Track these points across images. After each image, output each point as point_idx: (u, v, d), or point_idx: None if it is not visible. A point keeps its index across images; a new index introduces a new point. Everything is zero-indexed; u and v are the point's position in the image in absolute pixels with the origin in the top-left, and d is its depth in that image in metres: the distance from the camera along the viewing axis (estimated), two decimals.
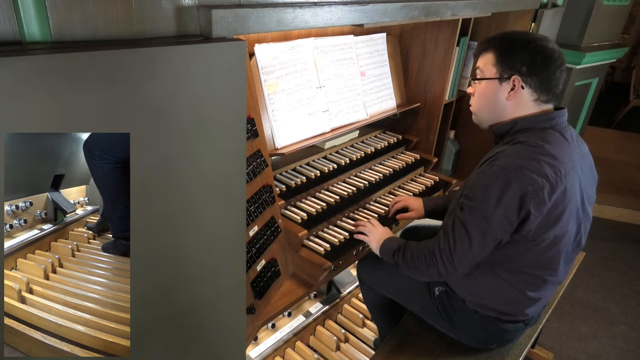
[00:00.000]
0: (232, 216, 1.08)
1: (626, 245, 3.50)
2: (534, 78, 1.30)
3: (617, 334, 2.64)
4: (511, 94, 1.33)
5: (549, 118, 1.32)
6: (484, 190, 1.24)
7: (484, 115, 1.43)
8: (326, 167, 1.84)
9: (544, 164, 1.21)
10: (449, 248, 1.30)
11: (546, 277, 1.38)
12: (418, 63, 2.21)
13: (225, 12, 0.94)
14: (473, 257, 1.30)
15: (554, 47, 1.31)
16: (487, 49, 1.37)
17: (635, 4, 3.85)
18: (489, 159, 1.30)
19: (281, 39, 1.71)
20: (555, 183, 1.21)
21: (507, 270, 1.36)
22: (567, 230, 1.31)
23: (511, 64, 1.32)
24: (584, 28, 3.01)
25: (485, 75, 1.38)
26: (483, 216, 1.24)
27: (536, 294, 1.40)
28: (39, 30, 0.76)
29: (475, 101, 1.44)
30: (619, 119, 5.91)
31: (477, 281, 1.41)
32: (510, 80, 1.32)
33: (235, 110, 0.99)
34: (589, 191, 1.38)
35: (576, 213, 1.33)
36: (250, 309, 1.30)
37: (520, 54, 1.30)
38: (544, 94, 1.32)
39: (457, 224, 1.29)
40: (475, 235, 1.26)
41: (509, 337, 1.52)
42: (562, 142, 1.29)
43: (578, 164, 1.30)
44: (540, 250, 1.31)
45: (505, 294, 1.39)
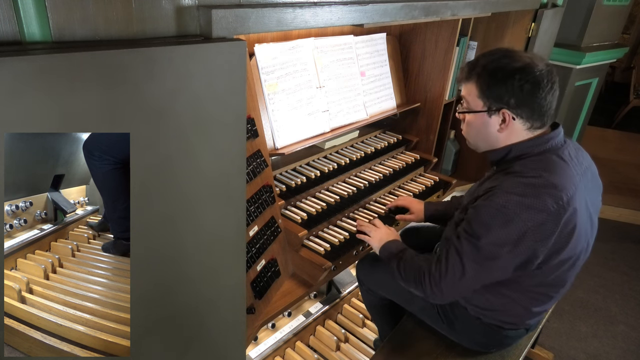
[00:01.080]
0: (232, 216, 1.08)
1: (626, 245, 3.50)
2: (524, 108, 1.23)
3: (617, 334, 2.63)
4: (502, 127, 1.27)
5: (544, 141, 1.26)
6: (484, 228, 1.19)
7: (479, 143, 1.37)
8: (326, 167, 1.84)
9: (545, 196, 1.15)
10: (439, 274, 1.27)
11: (552, 294, 1.36)
12: (418, 63, 2.21)
13: (225, 12, 0.94)
14: (464, 288, 1.27)
15: (541, 69, 1.21)
16: (469, 78, 1.29)
17: (635, 4, 3.85)
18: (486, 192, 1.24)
19: (281, 39, 1.71)
20: (557, 214, 1.16)
21: (512, 289, 1.34)
22: (575, 252, 1.26)
23: (498, 97, 1.24)
24: (584, 28, 3.01)
25: (472, 107, 1.30)
26: (485, 254, 1.20)
27: (541, 308, 1.39)
28: (39, 30, 0.76)
29: (467, 131, 1.37)
30: (619, 119, 5.91)
31: (480, 295, 1.39)
32: (499, 113, 1.25)
33: (235, 110, 0.99)
34: (595, 202, 1.33)
35: (584, 232, 1.27)
36: (250, 309, 1.30)
37: (507, 86, 1.22)
38: (537, 121, 1.25)
39: (452, 252, 1.25)
40: (470, 270, 1.23)
41: (509, 342, 1.52)
42: (562, 166, 1.22)
43: (581, 183, 1.23)
44: (547, 272, 1.27)
45: (508, 308, 1.38)
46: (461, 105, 1.36)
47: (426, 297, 1.33)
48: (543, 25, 2.19)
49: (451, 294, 1.29)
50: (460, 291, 1.30)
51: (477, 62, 1.28)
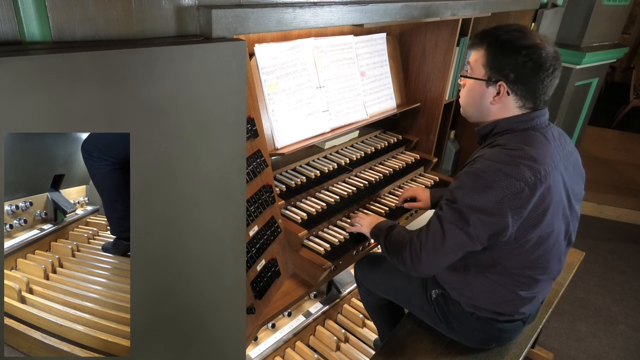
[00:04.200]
0: (232, 216, 1.08)
1: (626, 245, 3.50)
2: (521, 86, 1.28)
3: (617, 334, 2.64)
4: (496, 99, 1.32)
5: (528, 119, 1.31)
6: (462, 192, 1.24)
7: (470, 111, 1.43)
8: (326, 167, 1.84)
9: (523, 166, 1.20)
10: (420, 243, 1.31)
11: (537, 277, 1.38)
12: (418, 63, 2.21)
13: (225, 12, 0.94)
14: (442, 256, 1.29)
15: (548, 53, 1.25)
16: (480, 45, 1.33)
17: (635, 4, 3.86)
18: (470, 162, 1.30)
19: (281, 39, 1.71)
20: (534, 185, 1.21)
21: (496, 272, 1.37)
22: (552, 230, 1.30)
23: (500, 69, 1.28)
24: (584, 28, 3.01)
25: (474, 74, 1.35)
26: (461, 216, 1.24)
27: (529, 293, 1.40)
28: (39, 30, 0.76)
29: (463, 96, 1.43)
30: (618, 119, 5.91)
31: (468, 284, 1.42)
32: (496, 85, 1.30)
33: (235, 110, 0.99)
34: (575, 189, 1.37)
35: (562, 212, 1.32)
36: (250, 309, 1.30)
37: (510, 60, 1.26)
38: (530, 102, 1.30)
39: (434, 220, 1.30)
40: (449, 233, 1.26)
41: (507, 336, 1.52)
42: (543, 142, 1.27)
43: (561, 163, 1.29)
44: (526, 251, 1.30)
45: (497, 295, 1.40)
46: (465, 71, 1.40)
47: (406, 268, 1.36)
48: (543, 25, 2.19)
49: (430, 263, 1.31)
50: (439, 260, 1.31)
51: (491, 32, 1.32)
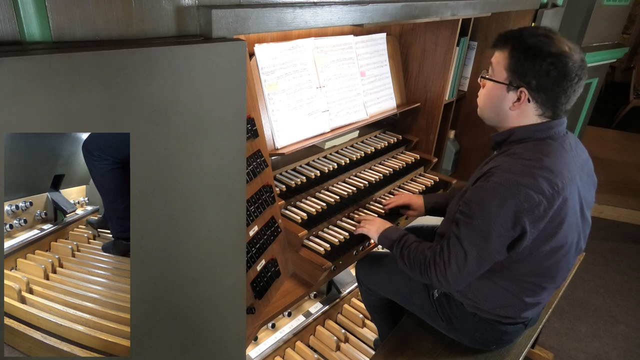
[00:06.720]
0: (232, 216, 1.08)
1: (626, 245, 3.50)
2: (542, 94, 1.23)
3: (617, 334, 2.64)
4: (515, 105, 1.28)
5: (547, 128, 1.27)
6: (479, 207, 1.21)
7: (487, 114, 1.39)
8: (326, 167, 1.84)
9: (541, 178, 1.17)
10: (443, 263, 1.28)
11: (544, 285, 1.37)
12: (418, 63, 2.21)
13: (225, 12, 0.94)
14: (469, 274, 1.28)
15: (574, 62, 1.19)
16: (504, 46, 1.28)
17: (635, 4, 3.85)
18: (485, 173, 1.26)
19: (281, 39, 1.71)
20: (552, 198, 1.18)
21: (503, 277, 1.35)
22: (565, 242, 1.28)
23: (522, 74, 1.23)
24: (584, 28, 3.01)
25: (495, 76, 1.31)
26: (479, 233, 1.22)
27: (534, 299, 1.39)
28: (39, 30, 0.76)
29: (482, 98, 1.38)
30: (618, 119, 5.91)
31: (473, 287, 1.41)
32: (517, 90, 1.26)
33: (235, 110, 0.99)
34: (587, 197, 1.35)
35: (575, 223, 1.30)
36: (250, 309, 1.30)
37: (534, 66, 1.20)
38: (550, 110, 1.26)
39: (453, 240, 1.27)
40: (471, 252, 1.24)
41: (508, 338, 1.52)
42: (561, 153, 1.24)
43: (577, 174, 1.26)
44: (538, 260, 1.29)
45: (502, 299, 1.39)
46: (486, 71, 1.36)
47: (433, 285, 1.34)
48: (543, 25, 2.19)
49: (458, 281, 1.29)
50: (466, 277, 1.29)
51: (516, 34, 1.26)
